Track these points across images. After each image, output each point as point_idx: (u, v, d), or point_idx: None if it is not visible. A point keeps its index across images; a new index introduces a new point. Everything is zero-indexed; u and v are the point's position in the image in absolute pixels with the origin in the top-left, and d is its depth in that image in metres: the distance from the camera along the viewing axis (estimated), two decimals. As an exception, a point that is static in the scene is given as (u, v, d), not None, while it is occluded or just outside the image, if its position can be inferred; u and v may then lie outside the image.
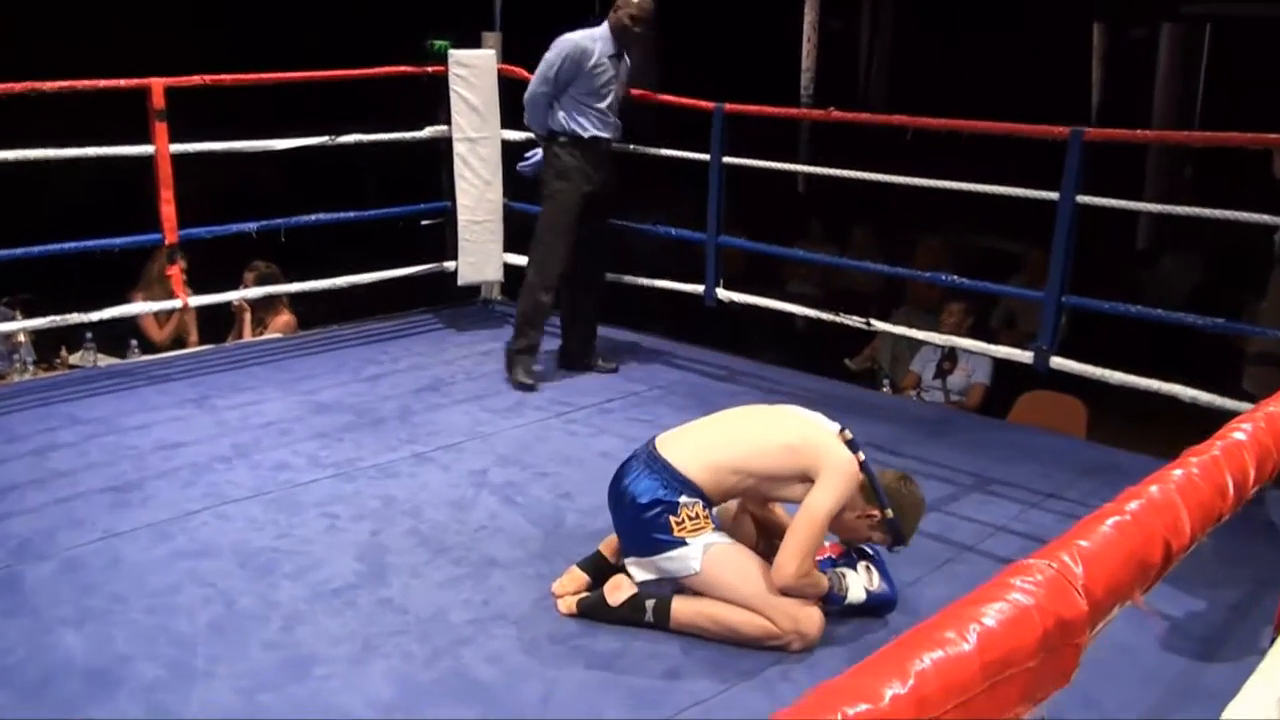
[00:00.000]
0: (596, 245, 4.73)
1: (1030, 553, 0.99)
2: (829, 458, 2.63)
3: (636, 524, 2.68)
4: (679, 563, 2.65)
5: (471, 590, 2.89)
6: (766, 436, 2.71)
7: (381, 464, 3.72)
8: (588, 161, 4.54)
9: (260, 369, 4.75)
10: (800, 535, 2.60)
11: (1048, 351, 3.99)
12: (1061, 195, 3.87)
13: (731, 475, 2.68)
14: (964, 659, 0.85)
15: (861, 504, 2.72)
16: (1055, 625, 0.92)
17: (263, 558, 3.04)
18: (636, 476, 2.70)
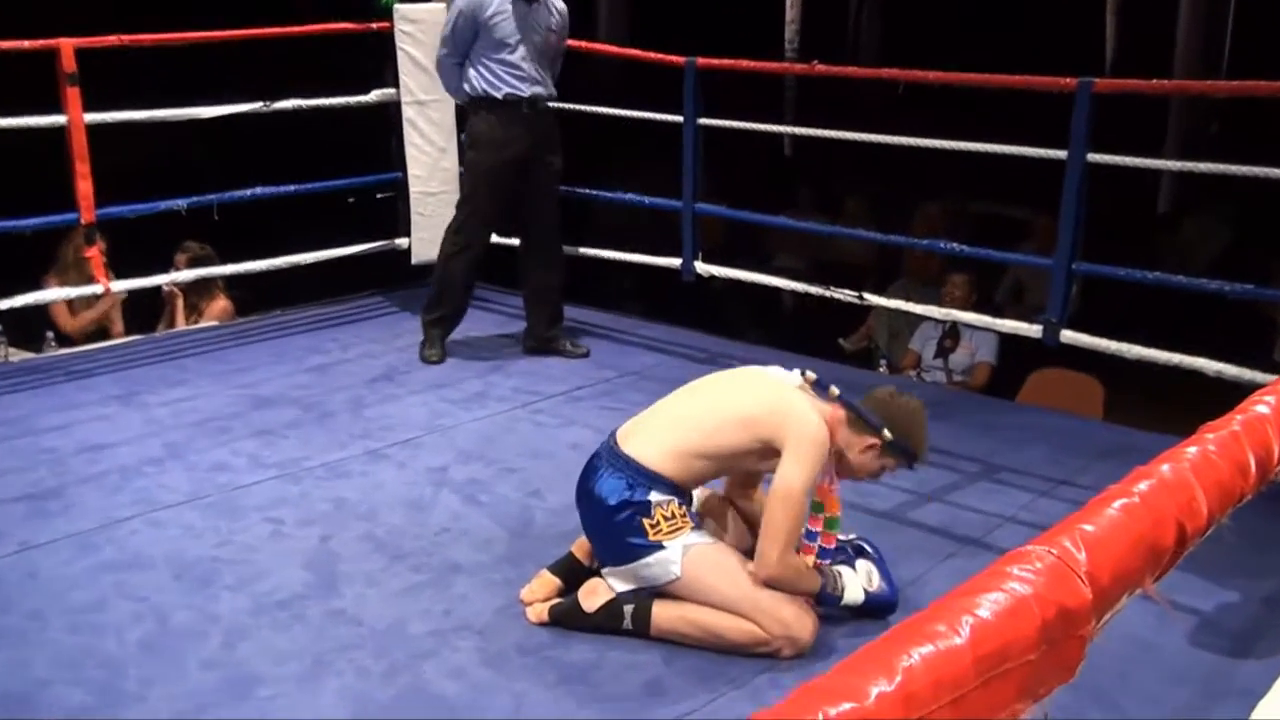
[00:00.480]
0: (542, 217, 4.73)
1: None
2: (791, 424, 2.61)
3: (608, 529, 2.69)
4: (658, 568, 2.66)
5: (432, 599, 2.89)
6: (723, 410, 2.70)
7: (331, 463, 3.72)
8: (506, 126, 4.52)
9: (194, 360, 4.73)
10: (775, 516, 2.59)
11: (1058, 325, 4.02)
12: (1070, 153, 3.89)
13: (698, 460, 2.68)
14: (956, 653, 0.86)
15: (856, 439, 2.72)
16: (1056, 616, 0.93)
17: (200, 568, 3.03)
18: (601, 477, 2.71)
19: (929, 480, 3.64)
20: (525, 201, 4.70)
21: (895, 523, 3.37)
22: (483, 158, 4.58)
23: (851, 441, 2.73)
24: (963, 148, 4.25)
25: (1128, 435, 4.08)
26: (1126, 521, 1.05)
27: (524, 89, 4.52)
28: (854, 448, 2.73)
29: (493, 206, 4.66)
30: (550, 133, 4.66)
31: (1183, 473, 1.18)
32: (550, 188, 4.71)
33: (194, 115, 4.79)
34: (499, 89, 4.50)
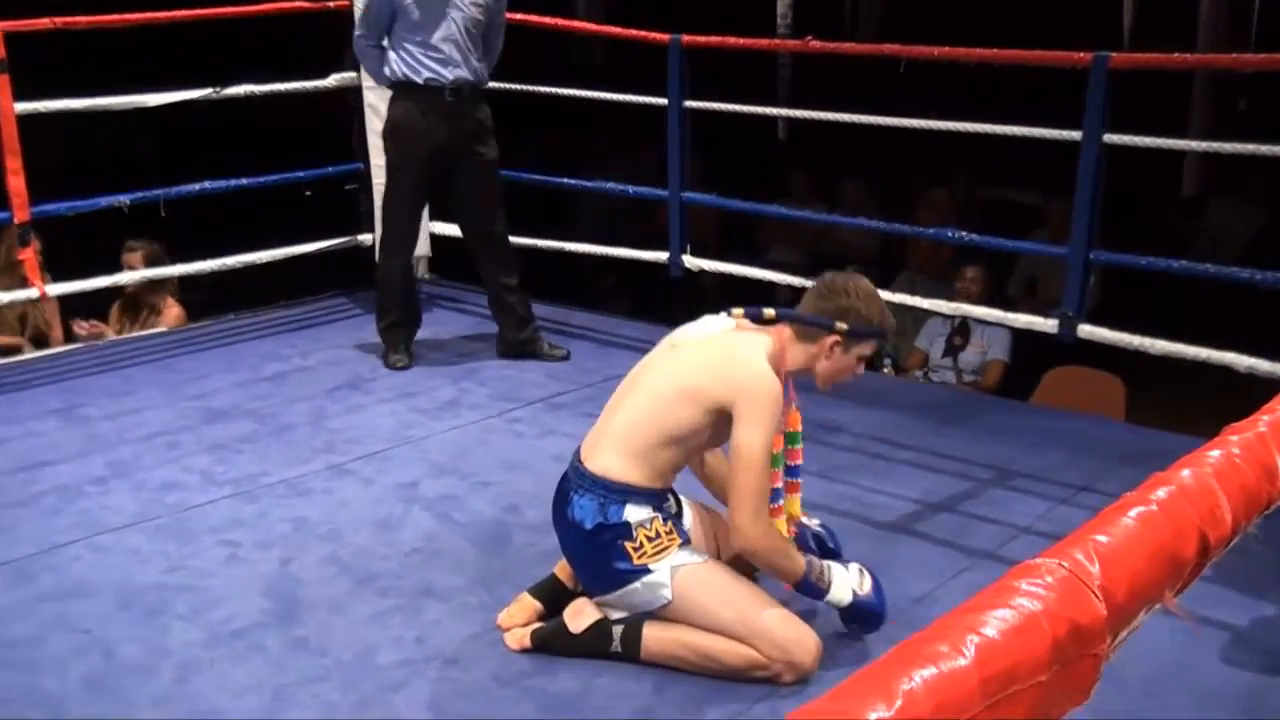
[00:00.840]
0: (481, 215, 4.72)
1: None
2: (738, 385, 2.61)
3: (589, 556, 2.70)
4: (647, 593, 2.66)
5: (403, 626, 2.89)
6: (667, 390, 2.69)
7: (291, 479, 3.71)
8: (425, 113, 4.51)
9: (140, 370, 4.72)
10: (740, 482, 2.59)
11: (1075, 318, 4.04)
12: (1085, 134, 3.91)
13: (663, 451, 2.68)
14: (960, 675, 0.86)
15: (815, 347, 2.72)
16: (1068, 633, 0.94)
17: (149, 597, 3.02)
18: (573, 501, 2.71)
19: (937, 488, 3.66)
20: (458, 199, 4.72)
21: (901, 535, 3.38)
22: (402, 149, 4.58)
23: (811, 351, 2.73)
24: (970, 129, 4.26)
25: (1152, 437, 4.10)
26: (1144, 531, 1.06)
27: (446, 74, 4.49)
28: (818, 356, 2.73)
29: (417, 202, 4.69)
30: (479, 121, 4.62)
31: (1205, 478, 1.19)
32: (484, 182, 4.67)
33: (137, 104, 4.78)
34: (419, 73, 4.48)
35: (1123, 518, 1.08)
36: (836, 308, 2.71)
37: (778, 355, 2.71)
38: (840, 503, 3.55)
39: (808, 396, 2.95)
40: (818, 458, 3.86)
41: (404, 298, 4.79)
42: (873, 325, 2.73)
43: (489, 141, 4.66)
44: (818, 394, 2.78)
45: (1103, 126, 3.89)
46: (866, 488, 3.67)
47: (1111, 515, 1.09)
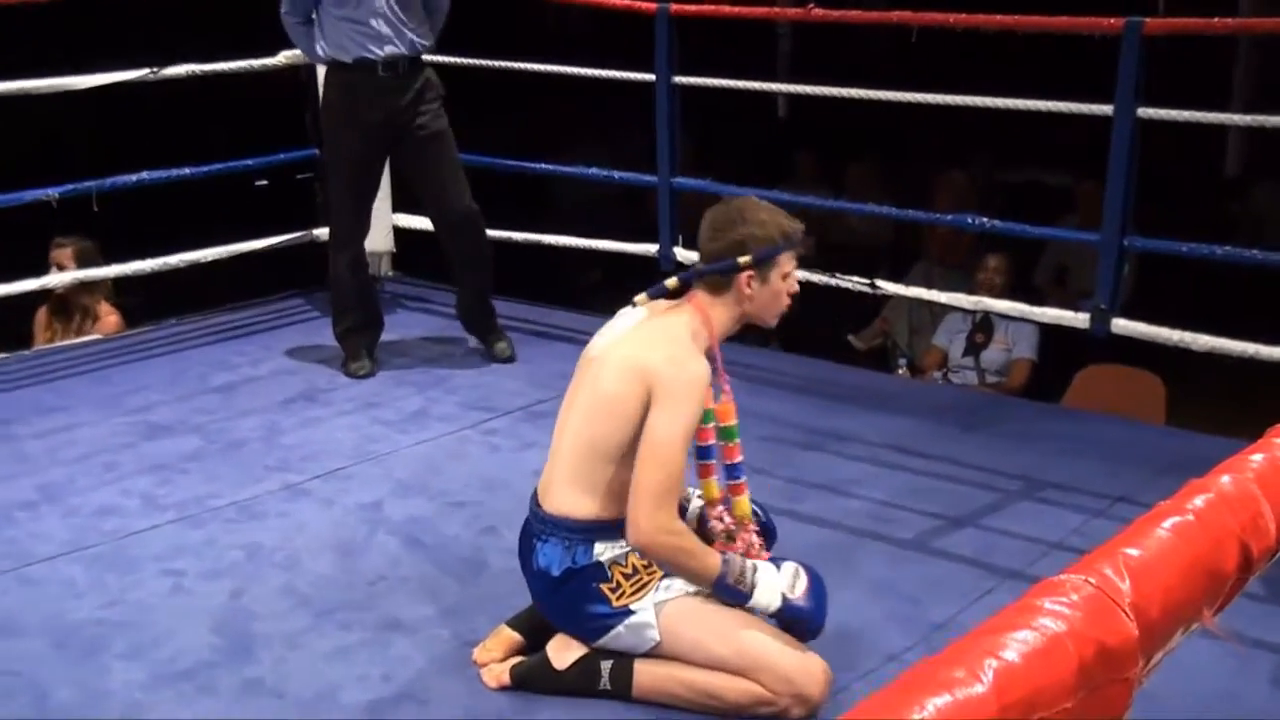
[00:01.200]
0: (440, 191, 4.75)
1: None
2: (647, 375, 2.61)
3: (564, 605, 2.72)
4: (633, 636, 2.67)
5: (368, 662, 2.90)
6: (591, 408, 2.70)
7: (242, 501, 3.72)
8: (359, 92, 4.55)
9: (73, 382, 4.72)
10: (640, 472, 2.58)
11: (1108, 312, 4.06)
12: (1117, 108, 3.93)
13: (615, 473, 2.66)
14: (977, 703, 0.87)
15: (734, 291, 2.70)
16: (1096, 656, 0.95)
17: (85, 633, 3.02)
18: (538, 549, 2.73)
19: (959, 501, 3.67)
20: (411, 178, 4.77)
21: (919, 553, 3.40)
22: (337, 132, 4.63)
23: (732, 300, 2.72)
24: (991, 104, 4.28)
25: (1195, 443, 4.11)
26: (1178, 543, 1.07)
27: (377, 50, 4.51)
28: (741, 301, 2.72)
29: (362, 189, 4.70)
30: (419, 91, 4.62)
31: (1246, 484, 1.20)
32: (434, 153, 4.68)
33: (66, 86, 4.77)
34: (347, 52, 4.52)
35: (1155, 529, 1.09)
36: (731, 242, 2.70)
37: (702, 325, 2.71)
38: (851, 519, 3.56)
39: (813, 403, 2.96)
40: (825, 469, 3.89)
41: (360, 297, 4.81)
42: (777, 241, 2.71)
43: (432, 110, 4.66)
44: (822, 400, 2.79)
45: (1137, 99, 3.91)
46: (880, 502, 3.68)
47: (1143, 526, 1.10)
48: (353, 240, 4.77)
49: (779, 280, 2.74)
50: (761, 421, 4.23)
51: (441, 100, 4.69)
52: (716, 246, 2.72)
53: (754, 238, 2.70)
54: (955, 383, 5.52)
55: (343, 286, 4.78)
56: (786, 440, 4.09)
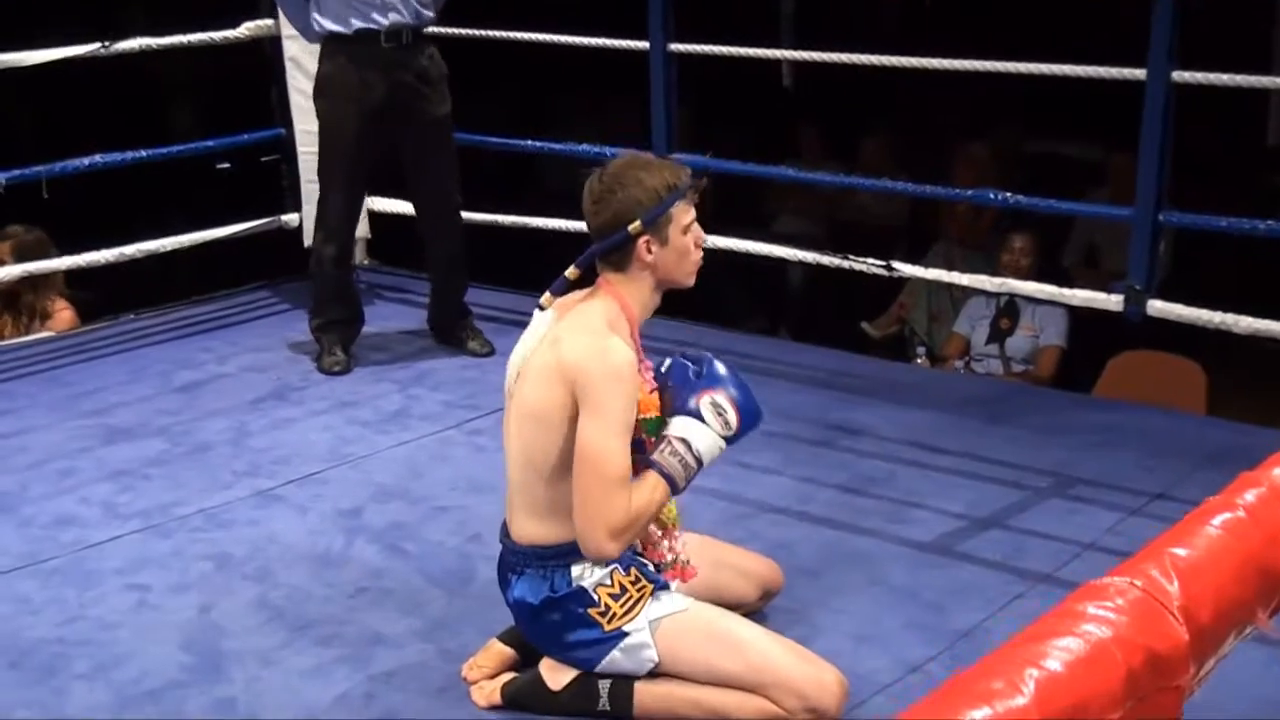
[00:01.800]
0: (431, 179, 4.78)
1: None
2: (565, 378, 2.59)
3: (549, 634, 2.72)
4: (630, 660, 2.68)
5: (348, 680, 2.89)
6: (523, 426, 2.69)
7: (210, 509, 3.72)
8: (360, 66, 4.55)
9: (24, 384, 4.72)
10: (583, 488, 2.57)
11: (1143, 293, 4.06)
12: (1150, 72, 3.93)
13: (553, 487, 2.66)
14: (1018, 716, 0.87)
15: (636, 266, 2.68)
16: (1145, 663, 0.95)
17: (43, 653, 3.02)
18: (513, 583, 2.74)
19: (985, 500, 3.68)
20: (406, 162, 4.76)
21: (943, 557, 3.40)
22: (333, 112, 4.62)
23: (639, 272, 2.70)
24: (1013, 70, 4.28)
25: (1238, 433, 4.12)
26: (1230, 542, 1.07)
27: (381, 19, 4.52)
28: (647, 269, 2.70)
29: (353, 172, 4.70)
30: (424, 70, 4.65)
31: (1301, 477, 1.20)
32: (435, 142, 4.73)
33: (12, 63, 4.76)
34: (348, 23, 4.52)
35: (1204, 527, 1.09)
36: (615, 211, 2.67)
37: (618, 310, 2.70)
38: (868, 520, 3.57)
39: (825, 397, 2.96)
40: (841, 467, 3.89)
41: (343, 290, 4.83)
42: (662, 195, 2.67)
43: (438, 93, 4.69)
44: (835, 393, 2.79)
45: (1170, 62, 3.91)
46: (900, 501, 3.69)
47: (1191, 524, 1.10)
48: (342, 228, 4.77)
49: (679, 235, 2.70)
50: (770, 416, 4.16)
51: (446, 81, 4.70)
52: (602, 220, 2.69)
53: (637, 200, 2.66)
54: (978, 372, 5.52)
55: (327, 278, 4.79)
56: (797, 436, 4.09)
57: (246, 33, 5.35)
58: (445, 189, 4.81)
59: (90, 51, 4.95)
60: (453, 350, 4.92)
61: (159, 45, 5.16)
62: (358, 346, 4.88)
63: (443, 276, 4.93)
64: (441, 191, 4.81)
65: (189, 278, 5.56)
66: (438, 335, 5.01)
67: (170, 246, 5.25)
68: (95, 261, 5.11)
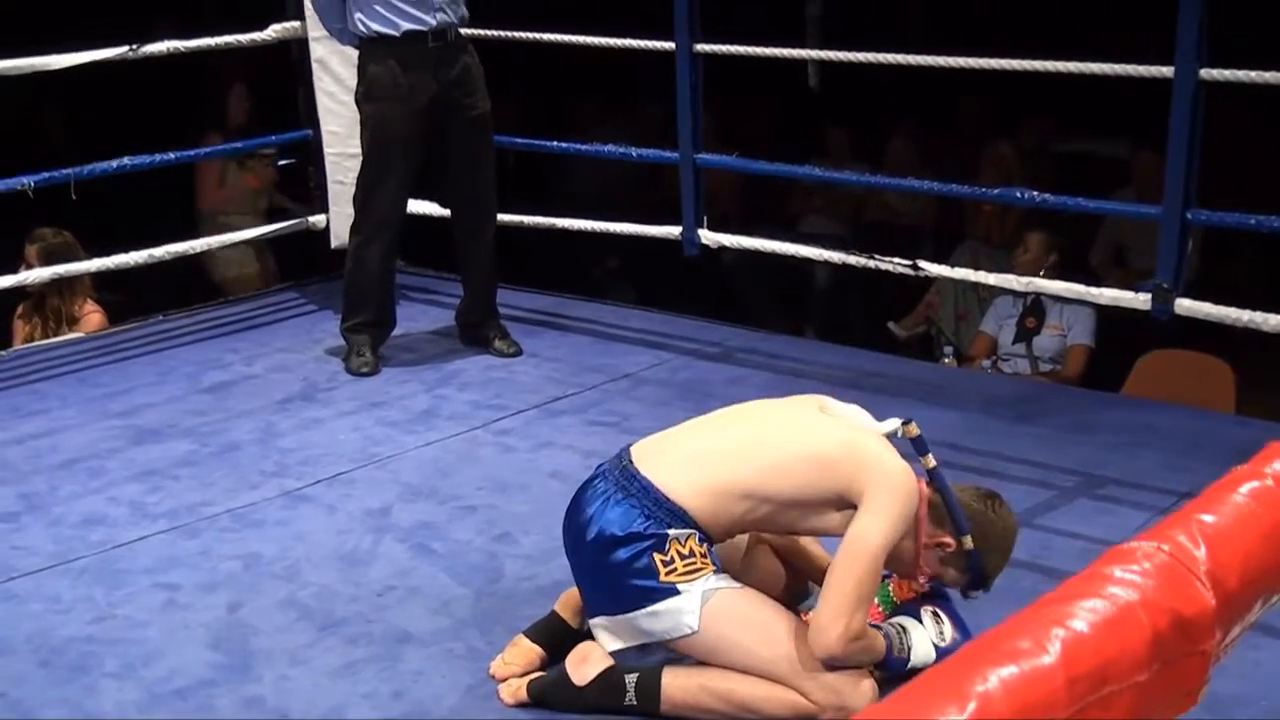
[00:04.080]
0: (471, 179, 4.80)
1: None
2: (878, 471, 2.64)
3: (607, 568, 2.70)
4: (668, 619, 2.66)
5: (377, 678, 2.91)
6: (787, 445, 2.72)
7: (238, 509, 3.73)
8: (408, 68, 4.57)
9: (54, 384, 4.74)
10: (846, 582, 2.59)
11: (1171, 291, 4.04)
12: (1177, 70, 3.92)
13: (740, 502, 2.69)
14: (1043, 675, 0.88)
15: (930, 529, 2.74)
16: (1171, 627, 0.95)
17: (73, 651, 3.04)
18: (606, 502, 2.71)
19: (1012, 499, 3.58)
20: (447, 161, 4.77)
21: (971, 556, 3.39)
22: (383, 114, 4.63)
23: (925, 530, 2.75)
24: (1039, 68, 4.27)
25: (1268, 432, 3.97)
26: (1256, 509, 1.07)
27: (429, 19, 4.54)
28: (920, 536, 2.75)
29: (403, 173, 4.71)
30: (467, 66, 4.69)
31: (1329, 444, 1.20)
32: (478, 139, 4.76)
33: (41, 66, 4.79)
34: (396, 25, 4.53)
35: (1232, 494, 1.09)
36: (979, 525, 2.75)
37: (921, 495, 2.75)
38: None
39: (851, 397, 2.96)
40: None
41: (380, 295, 4.83)
42: (982, 567, 2.77)
43: (481, 91, 4.73)
44: (861, 393, 2.79)
45: (1199, 60, 3.90)
46: (927, 500, 3.68)
47: (1219, 492, 1.10)
48: (387, 228, 4.77)
49: (938, 573, 2.79)
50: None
51: (484, 79, 4.74)
52: (970, 510, 2.76)
53: (988, 545, 2.76)
54: (1005, 372, 5.51)
55: (366, 280, 4.78)
56: (824, 435, 4.09)
57: (273, 35, 5.37)
58: (484, 188, 4.83)
59: (118, 55, 4.97)
60: (480, 350, 4.93)
61: (186, 48, 5.17)
62: (385, 347, 4.89)
63: (477, 276, 4.93)
64: (480, 191, 4.83)
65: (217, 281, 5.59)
66: (464, 335, 5.02)
67: (200, 248, 5.28)
68: (123, 264, 5.14)
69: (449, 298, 5.37)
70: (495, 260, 4.95)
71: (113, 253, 5.14)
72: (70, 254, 5.25)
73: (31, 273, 5.13)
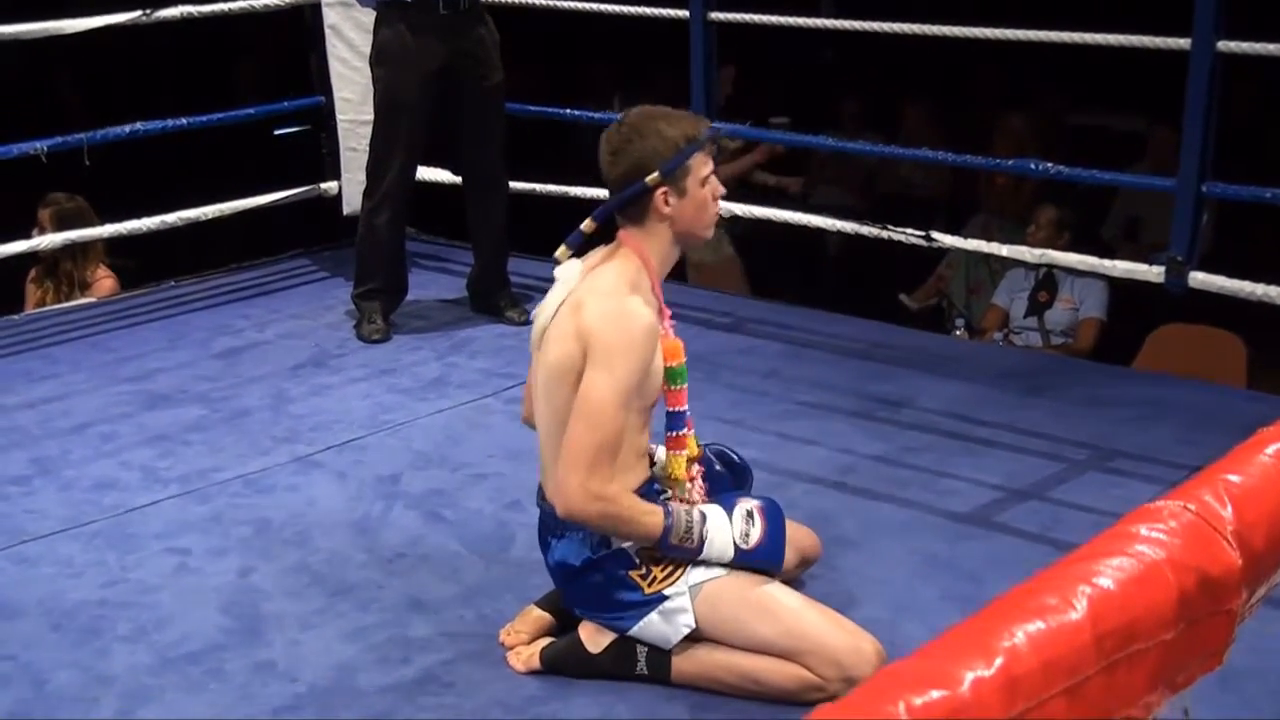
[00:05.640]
0: (481, 147, 4.81)
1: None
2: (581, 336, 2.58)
3: (590, 596, 2.73)
4: (667, 624, 2.68)
5: (387, 645, 2.92)
6: (547, 385, 2.69)
7: (249, 475, 3.74)
8: (419, 33, 4.57)
9: (65, 349, 4.75)
10: (572, 432, 2.57)
11: (1185, 265, 4.04)
12: (1195, 41, 3.90)
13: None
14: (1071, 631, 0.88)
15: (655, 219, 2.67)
16: (1197, 586, 0.95)
17: (85, 615, 3.05)
18: (553, 546, 2.75)
19: (1023, 472, 3.66)
20: (459, 130, 4.77)
21: (980, 528, 3.39)
22: (393, 79, 4.63)
23: (656, 223, 2.68)
24: (1055, 39, 4.25)
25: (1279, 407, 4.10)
26: (1283, 468, 1.06)
27: None
28: (665, 219, 2.68)
29: (412, 139, 4.71)
30: (481, 36, 4.69)
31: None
32: (488, 108, 4.76)
33: (54, 31, 4.79)
34: None
35: (1258, 455, 1.09)
36: (632, 163, 2.65)
37: (638, 265, 2.69)
38: (907, 490, 3.56)
39: (862, 368, 2.96)
40: (880, 437, 3.89)
41: (391, 261, 4.84)
42: (681, 145, 2.66)
43: (494, 60, 4.72)
44: (873, 364, 2.78)
45: (1216, 32, 3.88)
46: (938, 472, 3.68)
47: (1245, 452, 1.10)
48: (398, 196, 4.77)
49: (697, 187, 2.69)
50: (807, 387, 4.23)
51: (498, 49, 4.73)
52: (619, 171, 2.68)
53: (655, 151, 2.65)
54: (1017, 344, 5.50)
55: (377, 245, 4.80)
56: (834, 407, 4.09)
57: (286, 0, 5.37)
58: (494, 157, 4.84)
59: (131, 19, 4.96)
60: (490, 318, 4.93)
61: (200, 13, 5.16)
62: (397, 315, 4.89)
63: (488, 244, 4.94)
64: (491, 159, 4.84)
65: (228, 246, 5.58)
66: (475, 303, 5.03)
67: (211, 214, 5.27)
68: (135, 229, 5.14)
69: (460, 265, 5.37)
70: (507, 229, 4.95)
71: (125, 218, 5.14)
72: (83, 219, 5.25)
73: (44, 238, 5.13)
